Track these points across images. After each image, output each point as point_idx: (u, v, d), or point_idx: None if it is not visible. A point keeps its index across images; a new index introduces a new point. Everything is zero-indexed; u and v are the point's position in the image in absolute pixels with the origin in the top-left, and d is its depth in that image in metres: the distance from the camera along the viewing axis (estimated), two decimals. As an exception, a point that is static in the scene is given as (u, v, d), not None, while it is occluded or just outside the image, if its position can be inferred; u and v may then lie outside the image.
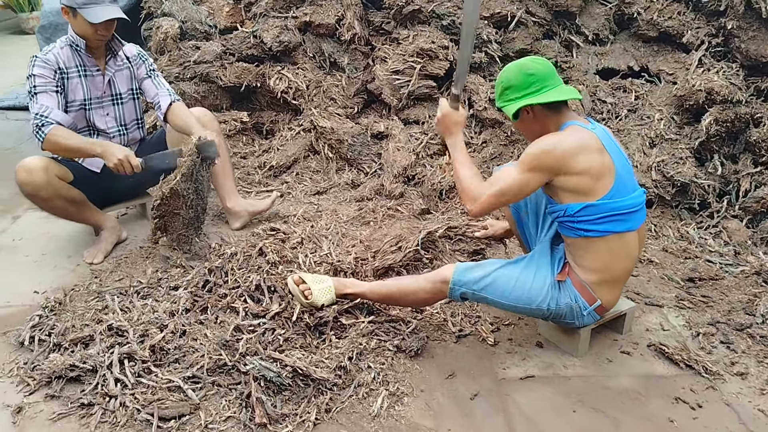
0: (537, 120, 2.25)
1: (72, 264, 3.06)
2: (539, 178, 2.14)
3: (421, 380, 2.31)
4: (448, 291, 2.31)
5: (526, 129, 2.32)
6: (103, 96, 3.06)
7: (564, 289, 2.28)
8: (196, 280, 2.60)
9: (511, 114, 2.21)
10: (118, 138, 3.15)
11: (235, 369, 2.21)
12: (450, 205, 3.55)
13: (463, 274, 2.28)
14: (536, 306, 2.28)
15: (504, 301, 2.29)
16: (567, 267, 2.32)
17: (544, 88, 2.20)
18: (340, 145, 3.87)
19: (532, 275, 2.29)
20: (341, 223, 3.34)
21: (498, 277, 2.28)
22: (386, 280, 2.50)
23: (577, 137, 2.14)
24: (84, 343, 2.35)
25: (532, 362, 2.43)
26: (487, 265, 2.32)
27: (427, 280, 2.34)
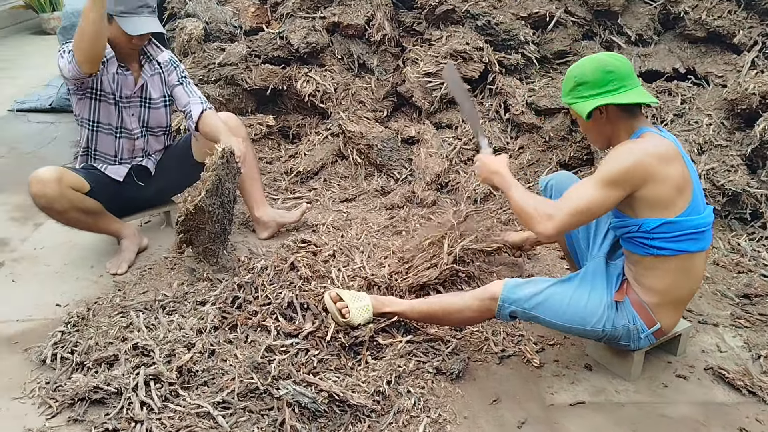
0: (610, 122, 2.09)
1: (95, 275, 2.95)
2: (620, 194, 1.98)
3: (463, 406, 2.16)
4: (496, 309, 2.16)
5: (595, 131, 2.16)
6: (132, 96, 2.95)
7: (621, 309, 2.13)
8: (225, 296, 2.47)
9: (585, 113, 2.05)
10: (141, 140, 3.04)
11: (267, 393, 2.08)
12: (485, 213, 3.40)
13: (513, 291, 2.13)
14: (591, 327, 2.13)
15: (556, 321, 2.14)
16: (625, 285, 2.16)
17: (622, 88, 2.04)
18: (369, 150, 3.73)
19: (586, 294, 2.13)
20: (372, 233, 3.20)
21: (551, 295, 2.12)
22: (428, 297, 2.35)
23: (659, 145, 1.99)
24: (108, 363, 2.24)
25: (582, 386, 2.27)
26: (539, 282, 2.17)
27: (474, 298, 2.20)
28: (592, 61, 2.08)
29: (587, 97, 2.06)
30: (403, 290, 2.61)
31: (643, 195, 1.97)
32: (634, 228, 2.05)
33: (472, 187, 3.44)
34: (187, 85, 3.04)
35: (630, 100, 2.02)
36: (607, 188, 1.96)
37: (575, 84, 2.09)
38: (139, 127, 3.02)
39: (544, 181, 2.54)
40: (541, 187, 2.56)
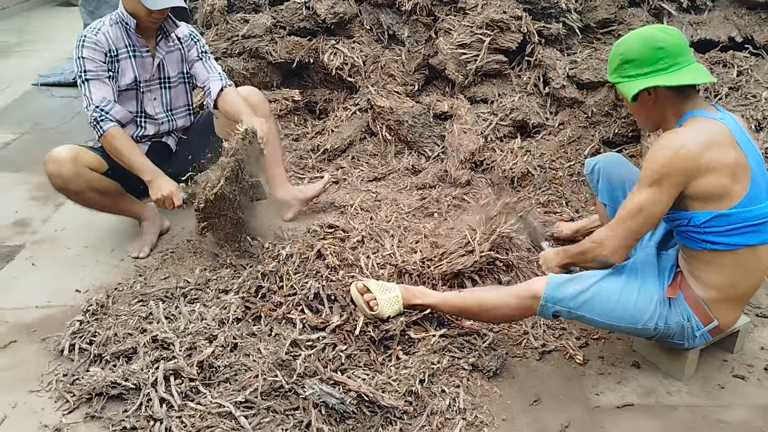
0: (658, 105, 1.90)
1: (115, 259, 2.85)
2: (670, 191, 1.80)
3: (502, 407, 2.02)
4: (538, 308, 1.99)
5: (642, 114, 1.97)
6: (152, 79, 2.82)
7: (675, 305, 1.95)
8: (248, 284, 2.34)
9: (630, 95, 1.86)
10: (166, 124, 2.92)
11: (292, 392, 1.96)
12: (523, 194, 3.21)
13: (558, 289, 1.96)
14: (642, 325, 1.95)
15: (604, 320, 1.97)
16: (679, 279, 1.98)
17: (674, 67, 1.84)
18: (399, 127, 3.55)
19: (636, 289, 1.95)
20: (402, 215, 3.04)
21: (598, 293, 1.95)
22: (462, 291, 2.19)
23: (702, 132, 1.79)
24: (126, 357, 2.14)
25: (629, 386, 2.11)
26: (585, 278, 1.99)
27: (513, 295, 2.03)
28: (640, 36, 1.88)
29: (633, 77, 1.87)
30: (436, 278, 2.46)
31: (690, 188, 1.80)
32: (684, 221, 1.87)
33: (509, 165, 3.25)
34: (206, 61, 2.89)
35: (680, 81, 1.82)
36: (654, 188, 1.81)
37: (621, 62, 1.90)
38: (163, 112, 2.90)
39: (591, 163, 2.34)
40: (586, 170, 2.37)
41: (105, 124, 2.59)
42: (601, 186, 2.29)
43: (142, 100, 2.81)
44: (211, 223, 2.61)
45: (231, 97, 2.81)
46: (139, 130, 2.86)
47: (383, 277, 2.37)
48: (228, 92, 2.83)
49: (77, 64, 2.62)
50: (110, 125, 2.60)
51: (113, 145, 2.61)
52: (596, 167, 2.31)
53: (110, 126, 2.60)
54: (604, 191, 2.28)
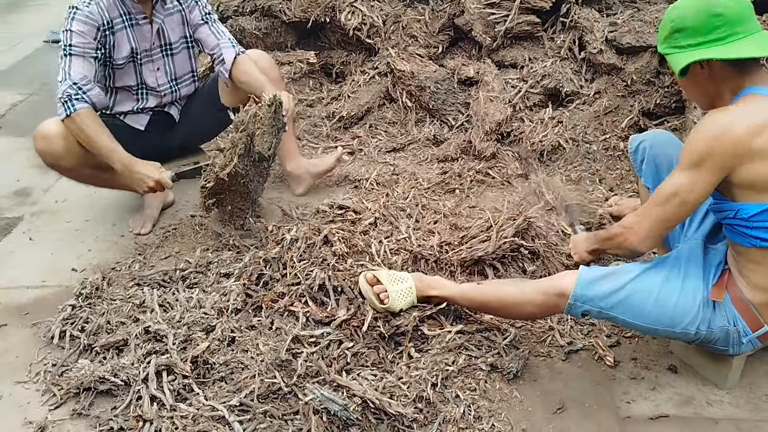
0: (713, 79, 1.65)
1: (116, 234, 2.70)
2: (711, 177, 1.57)
3: (522, 414, 1.83)
4: (565, 307, 1.78)
5: (694, 89, 1.73)
6: (153, 48, 2.60)
7: (720, 308, 1.72)
8: (250, 271, 2.17)
9: (678, 68, 1.61)
10: (169, 95, 2.72)
11: (292, 394, 1.80)
12: (553, 169, 2.96)
13: (589, 287, 1.75)
14: (681, 329, 1.73)
15: (639, 323, 1.75)
16: (726, 277, 1.75)
17: (732, 37, 1.58)
18: (420, 93, 3.30)
19: (678, 288, 1.73)
20: (421, 191, 2.83)
21: (634, 292, 1.73)
22: (482, 283, 1.99)
23: (757, 111, 1.55)
24: (117, 348, 1.99)
25: (665, 394, 1.90)
26: (620, 273, 1.76)
27: (538, 291, 1.82)
28: (696, 1, 1.61)
29: (684, 48, 1.63)
30: (455, 265, 2.26)
31: (738, 175, 1.56)
32: (730, 213, 1.64)
33: (538, 137, 3.00)
34: (213, 24, 2.66)
35: (738, 53, 1.57)
36: (693, 171, 1.59)
37: (672, 30, 1.65)
38: (167, 82, 2.70)
39: (636, 141, 2.08)
40: (631, 148, 2.11)
41: (78, 103, 2.35)
42: (645, 167, 2.04)
43: (142, 71, 2.60)
44: (219, 199, 2.44)
45: (247, 66, 2.61)
46: (139, 103, 2.66)
47: (396, 265, 2.17)
48: (243, 61, 2.63)
49: (64, 36, 2.40)
50: (83, 106, 2.36)
51: (80, 128, 2.35)
52: (641, 146, 2.05)
53: (83, 107, 2.36)
54: (649, 173, 2.03)
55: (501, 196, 2.86)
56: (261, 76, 2.57)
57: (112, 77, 2.58)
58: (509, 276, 2.25)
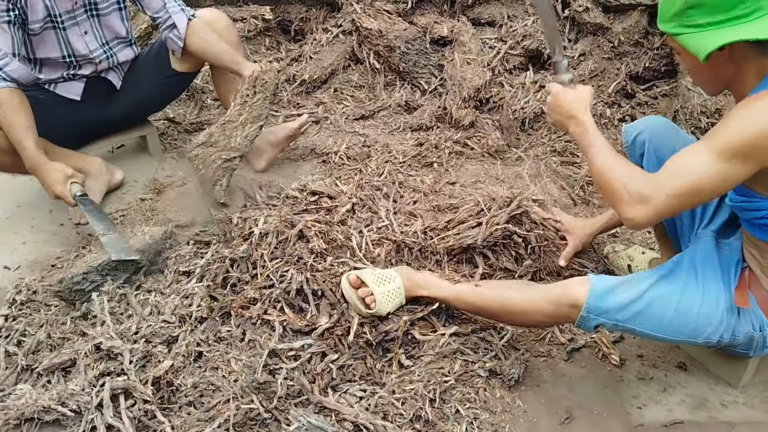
0: (734, 62, 1.42)
1: (54, 223, 2.37)
2: (747, 170, 1.36)
3: (527, 427, 1.67)
4: (577, 319, 1.59)
5: (709, 73, 1.49)
6: (75, 8, 2.22)
7: (745, 313, 1.57)
8: (214, 270, 1.91)
9: (704, 54, 1.36)
10: (105, 62, 2.36)
11: (272, 419, 1.57)
12: (536, 138, 2.76)
13: (603, 298, 1.55)
14: (703, 339, 1.57)
15: (658, 335, 1.58)
16: (747, 276, 1.58)
17: (758, 12, 1.35)
18: (389, 54, 3.02)
19: (698, 295, 1.55)
20: (396, 166, 2.59)
21: (652, 302, 1.55)
22: (481, 286, 1.77)
23: None
24: (63, 370, 1.71)
25: (676, 396, 1.77)
26: (635, 282, 1.57)
27: (547, 300, 1.62)
28: None
29: (703, 27, 1.38)
30: (441, 253, 2.05)
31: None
32: (764, 211, 1.46)
33: (520, 104, 2.77)
34: None
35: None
36: (729, 162, 1.34)
37: (685, 6, 1.39)
38: (99, 47, 2.33)
39: (632, 133, 1.85)
40: (626, 140, 1.87)
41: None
42: (647, 164, 1.82)
43: (68, 38, 2.23)
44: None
45: (204, 33, 2.31)
46: (71, 70, 2.30)
47: (380, 259, 1.94)
48: (198, 27, 2.31)
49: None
50: (2, 85, 2.03)
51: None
52: (639, 138, 1.82)
53: (2, 86, 2.03)
54: (652, 169, 1.81)
55: (482, 169, 2.65)
56: (221, 44, 2.30)
57: (29, 46, 2.20)
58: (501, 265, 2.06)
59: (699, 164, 1.37)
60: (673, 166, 1.40)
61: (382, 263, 1.94)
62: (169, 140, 2.85)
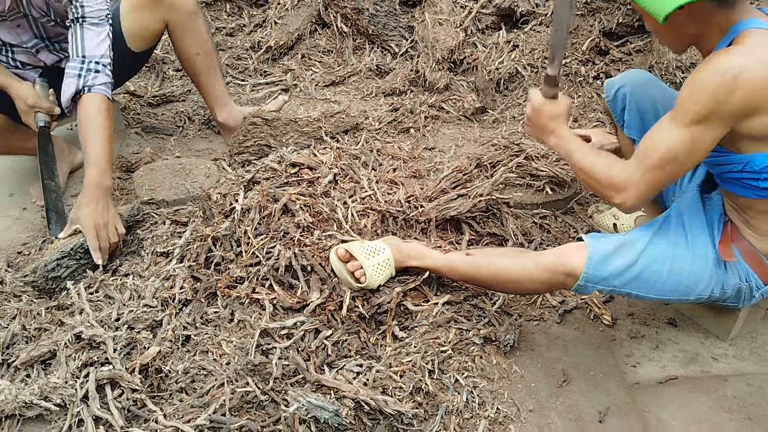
0: (695, 20, 1.41)
1: (16, 207, 2.25)
2: (718, 133, 1.36)
3: (526, 392, 1.66)
4: (574, 287, 1.57)
5: (670, 33, 1.48)
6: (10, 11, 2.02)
7: (732, 267, 1.58)
8: (195, 250, 1.83)
9: (662, 17, 1.34)
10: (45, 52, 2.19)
11: (270, 401, 1.53)
12: (511, 99, 2.72)
13: (601, 266, 1.54)
14: (695, 296, 1.59)
15: (653, 296, 1.59)
16: (730, 230, 1.59)
17: None
18: (357, 16, 2.93)
19: (689, 253, 1.55)
20: (373, 133, 2.52)
21: (648, 265, 1.54)
22: (473, 254, 1.74)
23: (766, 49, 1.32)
24: (43, 363, 1.63)
25: (668, 352, 1.78)
26: (629, 245, 1.55)
27: (542, 268, 1.59)
28: None
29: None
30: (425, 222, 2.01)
31: (748, 126, 1.36)
32: (737, 167, 1.46)
33: (494, 65, 2.72)
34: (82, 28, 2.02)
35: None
36: (697, 127, 1.35)
37: None
38: (35, 38, 2.15)
39: (612, 86, 1.84)
40: (607, 94, 1.86)
41: None
42: (628, 117, 1.81)
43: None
44: None
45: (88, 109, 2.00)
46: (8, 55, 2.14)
47: (366, 230, 1.89)
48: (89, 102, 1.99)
49: None
50: None
51: None
52: (620, 92, 1.81)
53: None
54: (633, 124, 1.81)
55: (459, 133, 2.61)
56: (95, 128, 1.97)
57: None
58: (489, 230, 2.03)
59: (667, 136, 1.39)
60: (645, 144, 1.43)
61: (369, 234, 1.89)
62: (132, 115, 2.72)
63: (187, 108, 2.74)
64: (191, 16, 2.30)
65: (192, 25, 2.32)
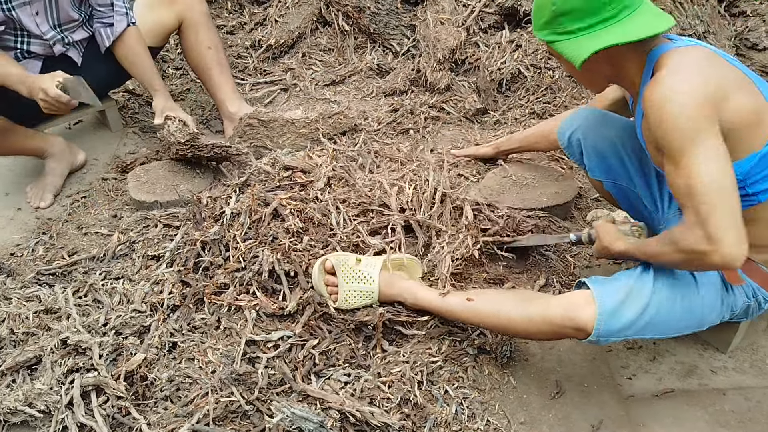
0: (611, 63, 1.42)
1: (10, 208, 2.24)
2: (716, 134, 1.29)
3: (518, 403, 1.63)
4: (586, 341, 1.48)
5: (590, 75, 1.49)
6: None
7: (739, 287, 1.53)
8: (185, 254, 1.81)
9: (579, 62, 1.35)
10: (60, 44, 2.20)
11: (255, 410, 1.50)
12: (513, 100, 2.67)
13: (612, 321, 1.44)
14: (708, 325, 1.55)
15: (669, 335, 1.53)
16: None
17: (625, 11, 1.36)
18: (359, 14, 2.89)
19: (696, 284, 1.48)
20: (371, 134, 2.49)
21: (658, 309, 1.46)
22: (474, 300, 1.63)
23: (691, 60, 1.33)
24: (29, 368, 1.62)
25: (666, 364, 1.74)
26: (636, 291, 1.46)
27: (548, 322, 1.49)
28: None
29: (575, 33, 1.38)
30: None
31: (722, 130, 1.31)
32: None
33: (496, 65, 2.67)
34: None
35: (645, 31, 1.33)
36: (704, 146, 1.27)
37: (554, 14, 1.40)
38: (51, 29, 2.17)
39: (564, 133, 1.85)
40: (561, 142, 1.87)
41: None
42: (588, 160, 1.79)
43: (19, 17, 2.06)
44: None
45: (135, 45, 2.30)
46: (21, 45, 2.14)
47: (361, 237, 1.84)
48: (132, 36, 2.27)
49: None
50: None
51: None
52: (573, 138, 1.81)
53: None
54: (595, 166, 1.79)
55: (459, 134, 2.57)
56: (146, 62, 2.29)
57: None
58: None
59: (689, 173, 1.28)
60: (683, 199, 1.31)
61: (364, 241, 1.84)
62: (130, 114, 2.71)
63: (186, 107, 2.72)
64: (204, 13, 2.37)
65: (206, 21, 2.41)
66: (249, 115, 2.31)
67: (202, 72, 2.44)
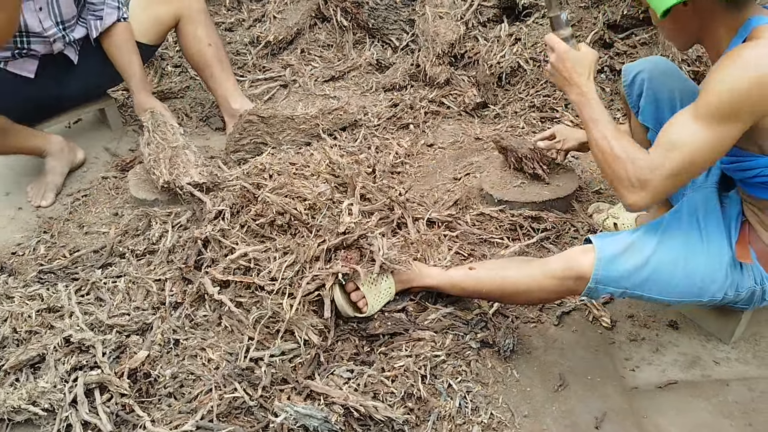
0: (700, 17, 1.37)
1: (11, 207, 2.24)
2: (740, 129, 1.30)
3: (521, 396, 1.62)
4: (584, 290, 1.52)
5: (674, 29, 1.44)
6: None
7: (748, 268, 1.52)
8: (186, 252, 1.81)
9: (661, 9, 1.31)
10: (60, 42, 2.19)
11: (258, 407, 1.51)
12: (513, 94, 2.66)
13: (611, 267, 1.48)
14: (708, 298, 1.53)
15: (665, 298, 1.53)
16: (747, 231, 1.54)
17: None
18: (357, 10, 2.89)
19: (704, 253, 1.49)
20: (372, 129, 2.48)
21: (659, 265, 1.48)
22: (476, 268, 1.68)
23: None
24: (32, 366, 1.62)
25: (669, 356, 1.74)
26: (639, 244, 1.50)
27: (550, 275, 1.54)
28: None
29: None
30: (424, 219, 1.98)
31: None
32: (762, 170, 1.40)
33: (496, 59, 2.67)
34: None
35: None
36: (721, 125, 1.29)
37: None
38: (54, 26, 2.16)
39: (631, 72, 1.77)
40: (625, 80, 1.79)
41: None
42: (644, 103, 1.75)
43: (24, 14, 2.06)
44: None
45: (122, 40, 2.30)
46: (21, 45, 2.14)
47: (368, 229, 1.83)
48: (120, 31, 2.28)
49: None
50: None
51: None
52: (638, 77, 1.74)
53: None
54: (648, 112, 1.75)
55: (460, 129, 2.56)
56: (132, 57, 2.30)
57: None
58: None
59: (691, 138, 1.31)
60: (665, 143, 1.34)
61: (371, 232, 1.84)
62: (129, 112, 2.70)
63: (185, 105, 2.72)
64: (202, 9, 2.36)
65: (204, 18, 2.40)
66: (249, 112, 2.31)
67: (203, 69, 2.44)
